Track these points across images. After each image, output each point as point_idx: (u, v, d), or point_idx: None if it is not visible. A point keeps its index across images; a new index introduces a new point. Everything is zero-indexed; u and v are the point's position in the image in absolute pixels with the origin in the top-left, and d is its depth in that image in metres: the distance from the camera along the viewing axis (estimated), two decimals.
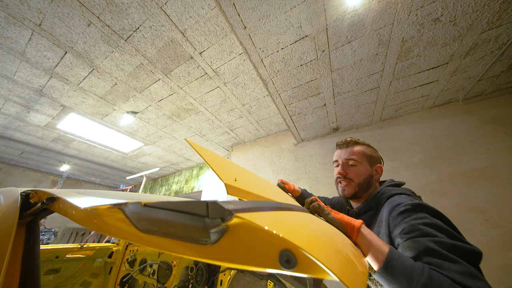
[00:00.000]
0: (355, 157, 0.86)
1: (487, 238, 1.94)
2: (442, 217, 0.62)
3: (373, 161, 0.88)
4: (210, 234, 0.26)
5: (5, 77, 2.62)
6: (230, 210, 0.26)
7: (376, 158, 0.89)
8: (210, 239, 0.27)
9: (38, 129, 3.94)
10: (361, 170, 0.84)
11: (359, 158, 0.86)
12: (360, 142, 0.92)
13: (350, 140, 0.92)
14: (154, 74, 2.52)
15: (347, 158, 0.87)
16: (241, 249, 0.26)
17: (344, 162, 0.87)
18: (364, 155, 0.87)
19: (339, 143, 0.94)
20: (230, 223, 0.26)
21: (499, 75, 2.18)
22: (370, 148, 0.91)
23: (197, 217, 0.27)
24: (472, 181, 2.20)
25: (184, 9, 1.78)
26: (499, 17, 1.60)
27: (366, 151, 0.88)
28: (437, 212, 0.63)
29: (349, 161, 0.86)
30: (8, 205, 0.71)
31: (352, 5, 1.55)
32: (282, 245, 0.25)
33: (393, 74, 2.17)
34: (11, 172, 5.45)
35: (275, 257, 0.24)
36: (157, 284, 1.88)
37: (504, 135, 2.23)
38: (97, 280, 2.09)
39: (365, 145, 0.91)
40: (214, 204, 0.26)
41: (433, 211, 0.63)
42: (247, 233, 0.26)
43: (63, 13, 1.84)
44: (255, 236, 0.26)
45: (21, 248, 0.60)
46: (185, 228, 0.27)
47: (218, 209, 0.26)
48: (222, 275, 1.60)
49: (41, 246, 1.70)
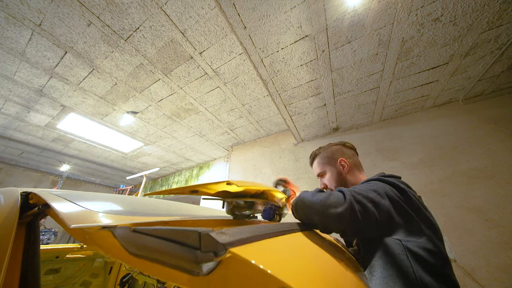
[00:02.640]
0: (318, 169, 0.96)
1: (487, 238, 1.94)
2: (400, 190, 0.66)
3: (333, 160, 0.94)
4: (202, 267, 0.25)
5: (5, 77, 2.62)
6: (224, 244, 0.24)
7: (335, 154, 0.94)
8: (202, 271, 0.25)
9: (38, 129, 3.94)
10: (329, 176, 0.92)
11: (321, 168, 0.95)
12: (318, 153, 1.00)
13: (311, 155, 1.02)
14: (154, 74, 2.52)
15: (317, 174, 0.97)
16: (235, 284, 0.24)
17: (317, 177, 0.98)
18: (323, 163, 0.95)
19: (310, 160, 1.04)
20: (224, 258, 0.25)
21: (499, 75, 2.18)
22: (326, 150, 0.97)
23: (188, 249, 0.25)
24: (472, 181, 2.20)
25: (184, 9, 1.78)
26: (499, 17, 1.60)
27: (321, 158, 0.96)
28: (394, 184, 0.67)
29: (318, 176, 0.97)
30: (8, 205, 0.71)
31: (352, 5, 1.55)
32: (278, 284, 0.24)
33: (393, 74, 2.17)
34: (11, 172, 5.45)
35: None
36: (157, 284, 1.88)
37: (504, 135, 2.23)
38: (97, 280, 2.08)
39: (321, 152, 0.98)
40: (207, 237, 0.25)
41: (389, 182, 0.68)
42: (241, 269, 0.25)
43: (63, 13, 1.84)
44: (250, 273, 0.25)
45: (21, 248, 0.60)
46: (176, 258, 0.26)
47: (211, 242, 0.24)
48: None
49: (41, 246, 1.70)
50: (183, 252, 0.25)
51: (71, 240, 5.61)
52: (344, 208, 0.55)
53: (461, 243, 1.99)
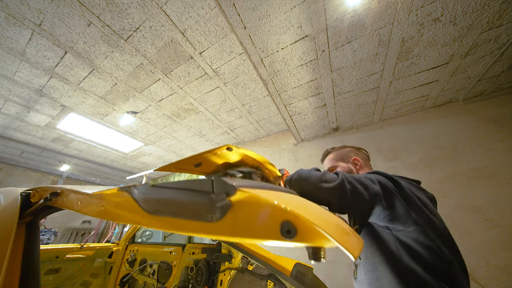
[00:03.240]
0: (329, 164, 1.03)
1: (487, 238, 1.94)
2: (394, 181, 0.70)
3: (346, 158, 1.00)
4: (215, 209, 0.28)
5: (5, 77, 2.62)
6: (234, 185, 0.28)
7: (349, 153, 1.02)
8: (215, 215, 0.28)
9: (38, 129, 3.94)
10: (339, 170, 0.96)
11: (333, 163, 1.01)
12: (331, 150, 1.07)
13: (325, 152, 1.09)
14: (154, 74, 2.52)
15: (327, 169, 1.04)
16: (245, 223, 0.27)
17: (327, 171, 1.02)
18: (335, 159, 1.02)
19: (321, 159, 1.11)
20: (234, 197, 0.27)
21: (499, 75, 2.18)
22: (342, 149, 1.05)
23: (203, 193, 0.28)
24: (472, 181, 2.20)
25: (184, 9, 1.78)
26: (499, 17, 1.60)
27: (335, 155, 1.03)
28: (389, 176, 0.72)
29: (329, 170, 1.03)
30: (8, 205, 0.71)
31: (352, 5, 1.55)
32: (283, 216, 0.26)
33: (393, 74, 2.17)
34: (11, 172, 5.45)
35: (276, 228, 0.26)
36: (157, 284, 1.88)
37: (504, 135, 2.23)
38: (97, 280, 2.08)
39: (335, 150, 1.06)
40: (218, 180, 0.28)
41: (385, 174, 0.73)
42: (250, 206, 0.28)
43: (63, 13, 1.84)
44: (257, 208, 0.27)
45: (21, 248, 0.60)
46: (192, 205, 0.29)
47: (222, 184, 0.28)
48: (222, 275, 1.60)
49: (41, 246, 1.70)
50: (199, 198, 0.28)
51: (71, 240, 5.61)
52: (335, 184, 0.62)
53: (461, 243, 1.99)
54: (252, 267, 1.60)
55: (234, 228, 0.27)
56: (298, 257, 2.72)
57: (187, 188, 0.29)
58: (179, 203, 0.30)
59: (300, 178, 0.68)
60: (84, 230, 5.87)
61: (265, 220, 0.27)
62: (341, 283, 2.38)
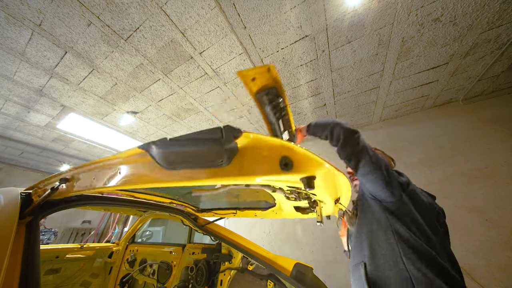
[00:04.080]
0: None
1: (487, 238, 1.94)
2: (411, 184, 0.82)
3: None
4: (224, 153, 0.33)
5: (5, 77, 2.62)
6: (239, 129, 0.34)
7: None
8: (225, 160, 0.33)
9: (38, 129, 3.94)
10: None
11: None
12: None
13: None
14: (154, 74, 2.52)
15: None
16: (250, 162, 0.33)
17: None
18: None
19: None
20: (240, 138, 0.34)
21: (499, 75, 2.18)
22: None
23: (214, 140, 0.33)
24: (472, 181, 2.20)
25: (184, 9, 1.78)
26: (499, 17, 1.60)
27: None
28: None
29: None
30: (8, 205, 0.71)
31: (352, 5, 1.55)
32: (282, 152, 0.33)
33: (393, 74, 2.17)
34: (11, 172, 5.45)
35: (276, 163, 0.33)
36: (157, 284, 1.87)
37: (504, 135, 2.23)
38: (97, 280, 2.08)
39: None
40: (227, 127, 0.34)
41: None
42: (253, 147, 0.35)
43: (63, 13, 1.84)
44: (260, 147, 0.34)
45: (21, 248, 0.60)
46: (205, 153, 0.34)
47: (230, 129, 0.33)
48: (222, 275, 1.60)
49: (41, 246, 1.70)
50: (211, 144, 0.33)
51: (71, 240, 5.60)
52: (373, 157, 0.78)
53: (461, 243, 1.99)
54: (252, 267, 1.59)
55: (241, 168, 0.34)
56: (298, 257, 2.72)
57: (200, 138, 0.33)
58: (194, 153, 0.34)
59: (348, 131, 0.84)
60: (84, 230, 5.87)
61: (267, 157, 0.33)
62: (341, 283, 2.38)
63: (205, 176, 0.35)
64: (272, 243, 3.09)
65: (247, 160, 0.34)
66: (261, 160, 0.34)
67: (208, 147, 0.34)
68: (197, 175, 0.35)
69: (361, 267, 0.72)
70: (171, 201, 1.49)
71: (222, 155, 0.33)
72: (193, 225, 1.62)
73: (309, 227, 2.90)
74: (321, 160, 0.38)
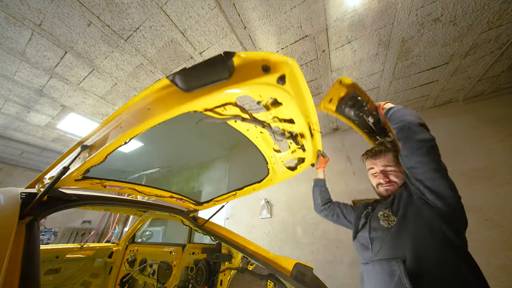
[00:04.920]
0: (392, 164, 0.96)
1: (487, 238, 1.94)
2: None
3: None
4: (226, 69, 0.50)
5: (5, 77, 2.62)
6: (234, 52, 0.50)
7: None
8: (227, 74, 0.51)
9: (38, 129, 3.94)
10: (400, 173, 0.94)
11: (395, 164, 0.95)
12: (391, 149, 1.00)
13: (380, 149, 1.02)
14: (154, 74, 2.52)
15: (385, 165, 0.97)
16: (243, 73, 0.52)
17: (382, 170, 0.98)
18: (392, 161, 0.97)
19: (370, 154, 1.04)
20: (234, 58, 0.51)
21: (499, 75, 2.18)
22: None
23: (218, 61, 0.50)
24: (472, 181, 2.20)
25: (184, 9, 1.78)
26: (499, 17, 1.60)
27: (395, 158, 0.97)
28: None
29: (387, 167, 0.97)
30: (8, 205, 0.71)
31: (352, 5, 1.55)
32: (262, 62, 0.53)
33: (393, 74, 2.17)
34: (11, 172, 5.45)
35: (259, 69, 0.52)
36: (157, 284, 1.87)
37: (504, 135, 2.23)
38: (97, 280, 2.08)
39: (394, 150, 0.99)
40: (225, 52, 0.50)
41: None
42: (243, 62, 0.52)
43: (63, 13, 1.84)
44: (248, 62, 0.53)
45: (21, 248, 0.60)
46: (213, 71, 0.51)
47: (227, 53, 0.50)
48: (222, 275, 1.60)
49: (41, 246, 1.70)
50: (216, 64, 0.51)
51: (71, 240, 5.60)
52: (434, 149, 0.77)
53: None
54: (252, 267, 1.59)
55: (239, 78, 0.52)
56: (298, 257, 2.72)
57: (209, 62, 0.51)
58: (205, 73, 0.52)
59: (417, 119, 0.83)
60: (84, 230, 5.87)
61: (253, 67, 0.52)
62: (341, 283, 2.38)
63: (215, 89, 0.53)
64: (272, 243, 3.09)
65: (241, 72, 0.52)
66: (249, 69, 0.52)
67: (215, 67, 0.50)
68: (209, 90, 0.53)
69: (395, 264, 0.73)
70: (171, 195, 1.49)
71: (225, 70, 0.50)
72: (193, 225, 1.62)
73: (309, 227, 2.90)
74: (286, 58, 0.56)
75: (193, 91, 0.53)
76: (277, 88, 0.60)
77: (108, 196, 1.28)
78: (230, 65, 0.50)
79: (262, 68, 0.52)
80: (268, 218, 3.31)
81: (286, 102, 0.70)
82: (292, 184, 3.31)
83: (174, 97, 0.55)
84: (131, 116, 0.65)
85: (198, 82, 0.51)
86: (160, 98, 0.57)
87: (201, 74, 0.51)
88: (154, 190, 1.38)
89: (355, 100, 1.08)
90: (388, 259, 0.76)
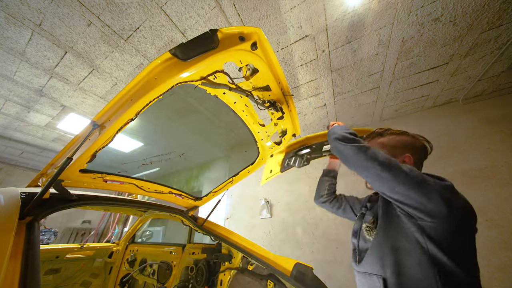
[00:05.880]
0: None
1: (487, 238, 1.94)
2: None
3: (398, 151, 0.79)
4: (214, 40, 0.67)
5: (5, 77, 2.62)
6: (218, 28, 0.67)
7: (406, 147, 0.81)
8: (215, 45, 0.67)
9: (38, 129, 3.94)
10: None
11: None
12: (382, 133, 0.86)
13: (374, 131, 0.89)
14: None
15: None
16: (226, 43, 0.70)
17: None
18: (385, 146, 0.82)
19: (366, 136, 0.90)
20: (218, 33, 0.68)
21: (499, 75, 2.18)
22: (400, 136, 0.84)
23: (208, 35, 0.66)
24: (472, 181, 2.20)
25: (184, 9, 1.78)
26: (499, 17, 1.60)
27: (389, 141, 0.83)
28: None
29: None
30: (8, 205, 0.71)
31: (352, 5, 1.55)
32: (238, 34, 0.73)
33: (393, 74, 2.17)
34: (11, 172, 5.45)
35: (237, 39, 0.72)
36: (157, 284, 1.87)
37: (504, 135, 2.23)
38: (97, 280, 2.08)
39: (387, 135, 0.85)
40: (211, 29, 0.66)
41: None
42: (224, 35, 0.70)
43: (63, 13, 1.84)
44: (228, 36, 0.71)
45: (21, 248, 0.60)
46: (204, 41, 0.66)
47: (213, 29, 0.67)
48: (222, 275, 1.60)
49: (41, 246, 1.70)
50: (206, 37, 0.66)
51: (71, 240, 5.60)
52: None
53: None
54: (252, 267, 1.59)
55: (223, 46, 0.70)
56: (298, 257, 2.72)
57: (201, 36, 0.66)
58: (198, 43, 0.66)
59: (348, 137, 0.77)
60: (84, 230, 5.86)
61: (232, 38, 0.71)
62: (341, 283, 2.38)
63: (207, 56, 0.68)
64: (272, 243, 3.09)
65: (224, 42, 0.70)
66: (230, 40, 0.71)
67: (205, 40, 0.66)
68: (203, 58, 0.68)
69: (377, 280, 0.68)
70: (170, 190, 1.49)
71: (212, 42, 0.66)
72: (193, 225, 1.62)
73: (309, 227, 2.90)
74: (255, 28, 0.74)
75: (189, 60, 0.67)
76: (251, 53, 0.78)
77: (108, 196, 1.28)
78: (216, 38, 0.66)
79: (239, 38, 0.71)
80: (268, 218, 3.31)
81: (260, 67, 0.87)
82: (292, 184, 3.32)
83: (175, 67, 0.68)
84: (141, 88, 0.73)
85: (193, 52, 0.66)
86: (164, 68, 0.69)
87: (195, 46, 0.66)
88: (154, 186, 1.38)
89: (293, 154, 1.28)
90: (371, 274, 0.72)
